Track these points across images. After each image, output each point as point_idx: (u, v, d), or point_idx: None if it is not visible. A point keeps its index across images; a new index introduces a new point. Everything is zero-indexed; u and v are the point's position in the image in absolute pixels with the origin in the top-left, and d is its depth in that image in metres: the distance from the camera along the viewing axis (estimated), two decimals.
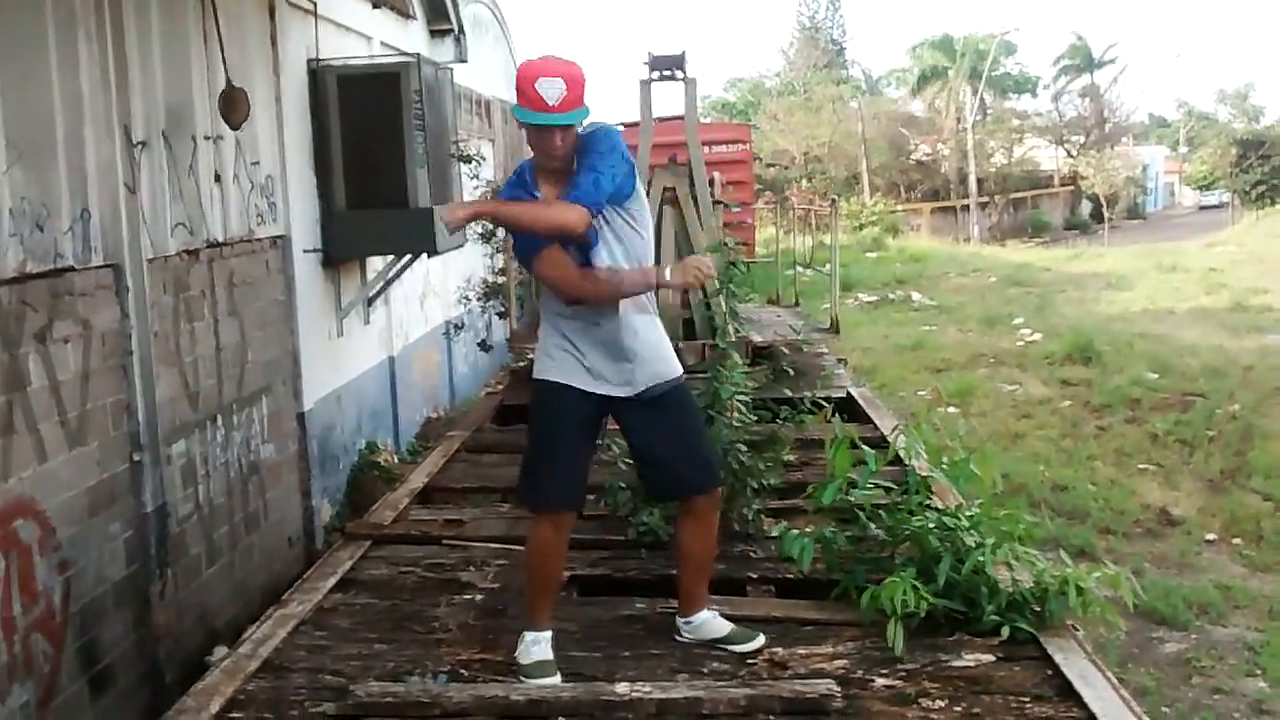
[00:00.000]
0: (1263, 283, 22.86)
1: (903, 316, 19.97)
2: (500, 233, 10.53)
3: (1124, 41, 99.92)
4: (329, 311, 8.64)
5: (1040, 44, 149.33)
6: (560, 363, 4.03)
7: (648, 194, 9.12)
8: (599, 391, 4.00)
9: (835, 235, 11.05)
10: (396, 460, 9.67)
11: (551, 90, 3.74)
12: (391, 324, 10.23)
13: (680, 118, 9.75)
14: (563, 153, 3.87)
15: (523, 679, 3.94)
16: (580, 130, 3.92)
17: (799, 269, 13.77)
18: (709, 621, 4.22)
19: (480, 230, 11.23)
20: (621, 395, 4.01)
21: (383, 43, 9.96)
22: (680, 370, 4.14)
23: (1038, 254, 33.58)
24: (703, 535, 4.20)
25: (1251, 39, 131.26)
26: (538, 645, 4.03)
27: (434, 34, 11.85)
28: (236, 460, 6.78)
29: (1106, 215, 47.46)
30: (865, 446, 4.95)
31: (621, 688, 3.76)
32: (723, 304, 5.97)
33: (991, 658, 4.04)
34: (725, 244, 6.78)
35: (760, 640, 4.16)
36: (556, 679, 3.93)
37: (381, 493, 7.18)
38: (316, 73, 8.29)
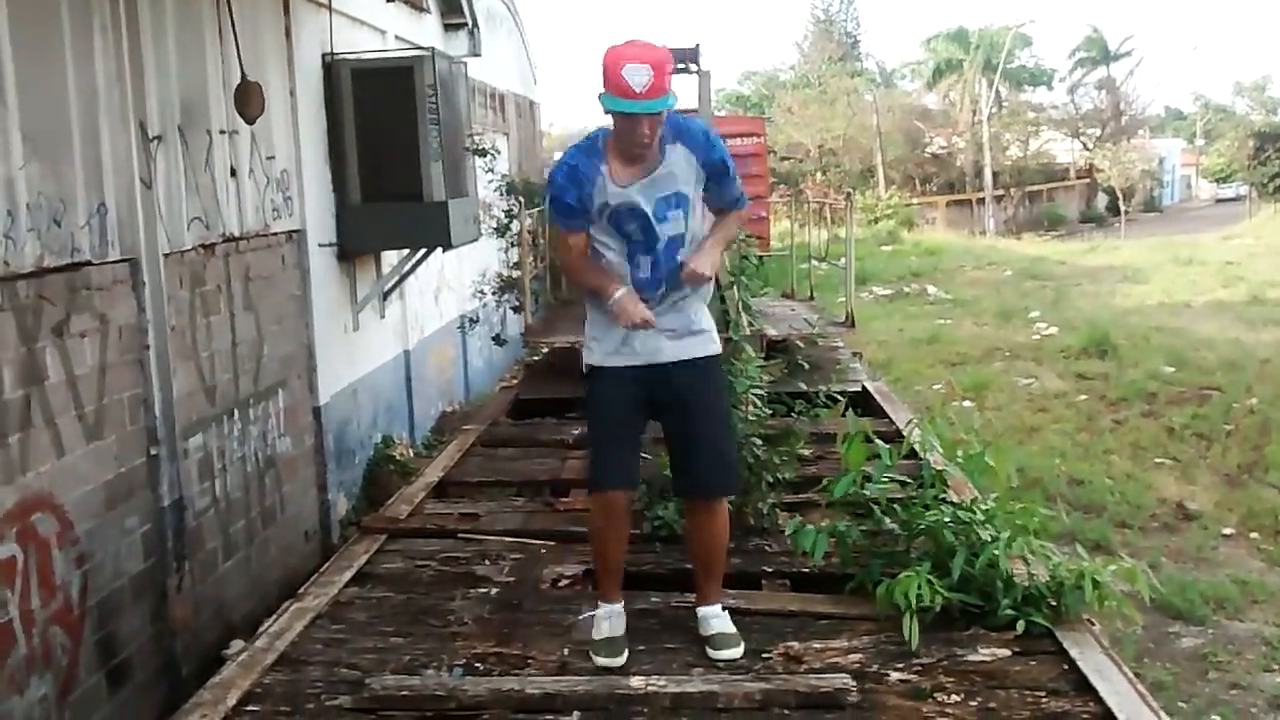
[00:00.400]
0: None
1: (918, 310, 19.92)
2: (514, 225, 10.54)
3: (1140, 34, 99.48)
4: (344, 305, 8.65)
5: (1056, 36, 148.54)
6: (604, 345, 4.07)
7: None
8: (636, 364, 4.02)
9: (850, 228, 11.01)
10: (412, 454, 9.68)
11: (638, 77, 3.67)
12: (406, 318, 10.24)
13: (694, 111, 9.75)
14: (650, 140, 3.82)
15: (590, 653, 4.04)
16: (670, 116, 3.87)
17: (814, 262, 13.73)
18: (705, 619, 4.19)
19: (494, 224, 11.25)
20: (659, 363, 4.02)
21: (397, 37, 9.97)
22: (714, 349, 4.17)
23: (1053, 247, 33.47)
24: (710, 534, 4.19)
25: (1269, 31, 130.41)
26: (609, 620, 4.12)
27: (448, 28, 11.87)
28: (253, 454, 6.80)
29: (1123, 208, 47.24)
30: (879, 441, 4.94)
31: (636, 681, 3.76)
32: (736, 296, 5.96)
33: (1007, 652, 4.03)
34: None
35: (737, 652, 4.06)
36: (619, 660, 4.00)
37: (397, 487, 7.19)
38: (331, 67, 8.31)
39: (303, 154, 7.72)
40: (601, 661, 4.00)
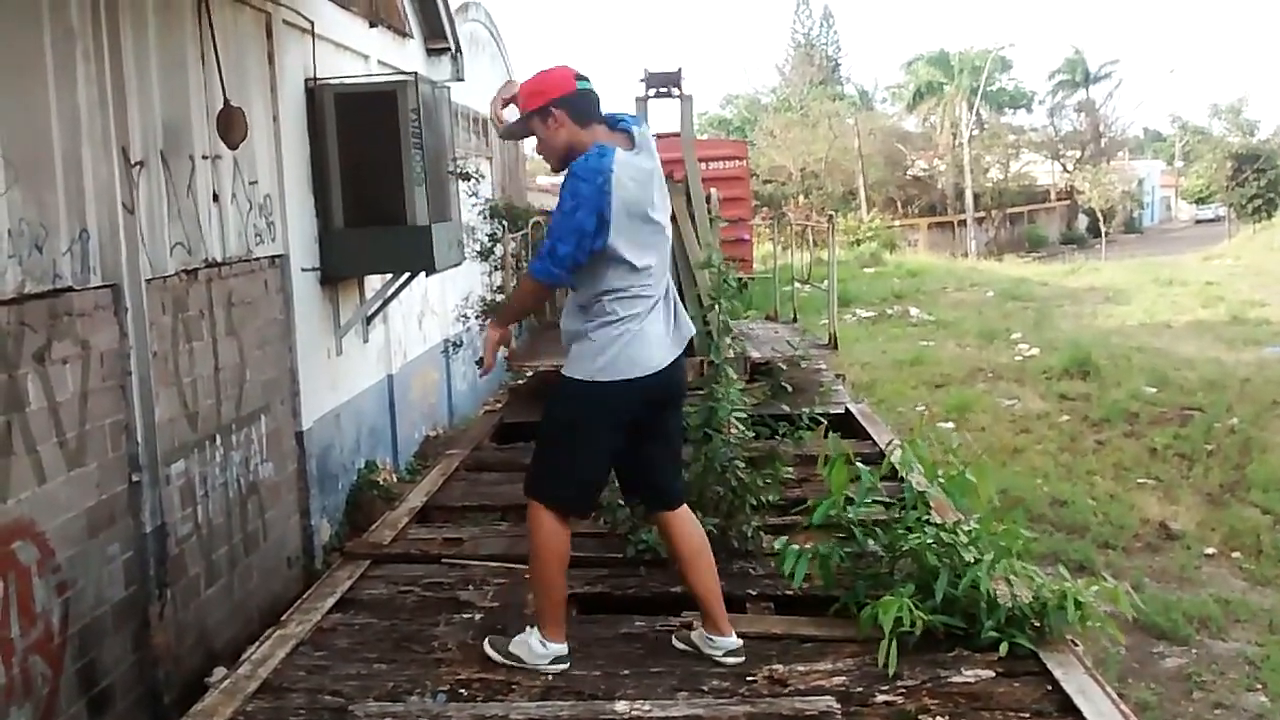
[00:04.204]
0: (1260, 295, 22.93)
1: (900, 332, 19.98)
2: (498, 249, 10.55)
3: (1119, 57, 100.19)
4: (327, 330, 8.64)
5: (1036, 59, 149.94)
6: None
7: None
8: None
9: (832, 251, 11.06)
10: (395, 479, 9.66)
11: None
12: (390, 342, 10.23)
13: (676, 134, 9.78)
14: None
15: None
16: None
17: (797, 285, 13.76)
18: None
19: (478, 248, 11.27)
20: None
21: (380, 61, 9.99)
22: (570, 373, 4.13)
23: (1035, 268, 33.64)
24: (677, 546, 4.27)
25: (1245, 54, 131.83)
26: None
27: (431, 52, 11.90)
28: (235, 480, 6.78)
29: (1103, 229, 47.55)
30: (860, 463, 4.95)
31: (621, 706, 3.75)
32: (717, 317, 5.96)
33: (991, 673, 4.03)
34: (711, 259, 6.69)
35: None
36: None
37: (380, 512, 7.17)
38: (314, 91, 8.32)
39: (286, 179, 7.72)
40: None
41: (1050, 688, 3.92)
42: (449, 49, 12.10)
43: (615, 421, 4.05)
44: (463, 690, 4.05)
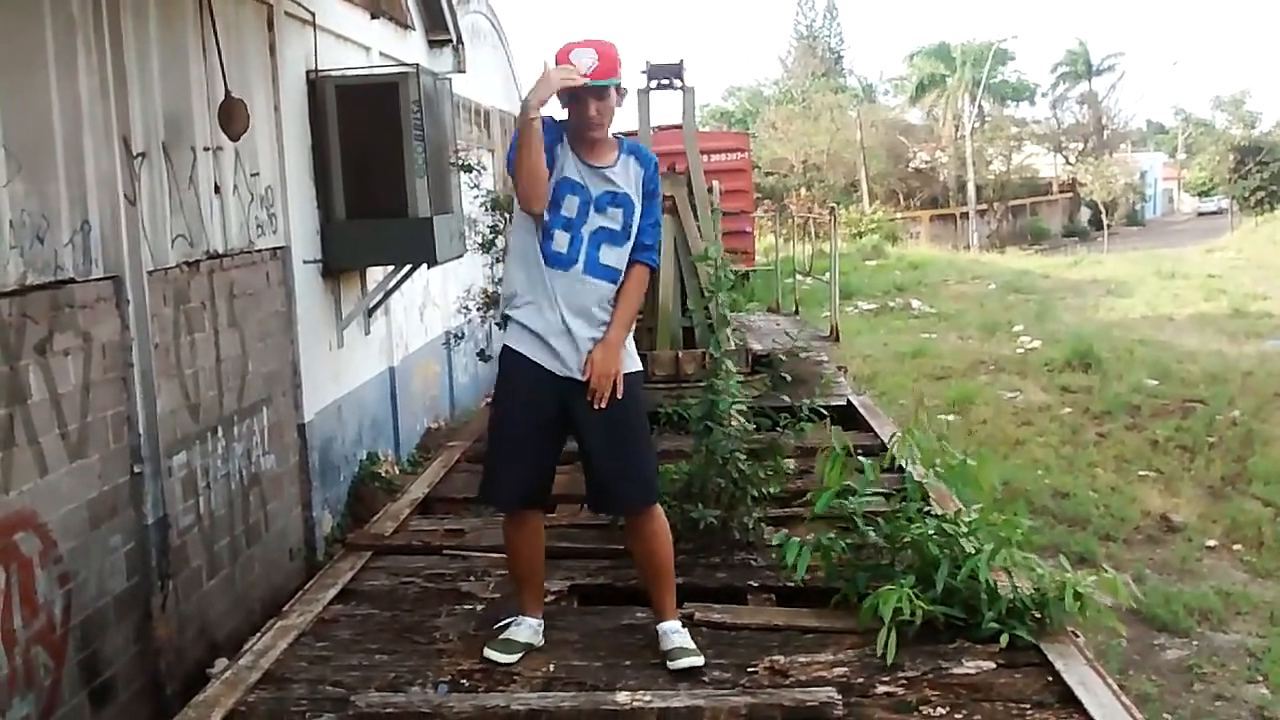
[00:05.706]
0: (1262, 288, 22.91)
1: (902, 324, 19.98)
2: (499, 242, 10.54)
3: (1122, 49, 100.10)
4: (329, 322, 8.64)
5: (1038, 52, 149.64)
6: (523, 337, 4.12)
7: None
8: (557, 372, 4.06)
9: (834, 243, 11.08)
10: (397, 471, 9.66)
11: (584, 59, 3.89)
12: (392, 334, 10.23)
13: (679, 126, 9.79)
14: (600, 122, 4.01)
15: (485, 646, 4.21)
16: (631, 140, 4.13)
17: (798, 277, 13.78)
18: (665, 634, 4.17)
19: (479, 240, 11.24)
20: (576, 379, 4.04)
21: (381, 53, 9.98)
22: (634, 367, 4.17)
23: (1037, 261, 33.62)
24: (648, 547, 4.20)
25: (1248, 46, 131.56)
26: (518, 625, 4.28)
27: (433, 44, 11.88)
28: (237, 472, 6.78)
29: (1105, 222, 47.53)
30: (862, 455, 4.95)
31: (622, 697, 3.76)
32: (716, 310, 5.96)
33: (992, 665, 4.04)
34: (707, 252, 6.67)
35: (698, 661, 4.05)
36: (501, 657, 4.15)
37: (382, 503, 7.18)
38: (315, 83, 8.31)
39: (287, 170, 7.71)
40: (487, 651, 4.18)
41: (1051, 679, 3.92)
42: (450, 41, 12.08)
43: None
44: (464, 681, 4.06)
